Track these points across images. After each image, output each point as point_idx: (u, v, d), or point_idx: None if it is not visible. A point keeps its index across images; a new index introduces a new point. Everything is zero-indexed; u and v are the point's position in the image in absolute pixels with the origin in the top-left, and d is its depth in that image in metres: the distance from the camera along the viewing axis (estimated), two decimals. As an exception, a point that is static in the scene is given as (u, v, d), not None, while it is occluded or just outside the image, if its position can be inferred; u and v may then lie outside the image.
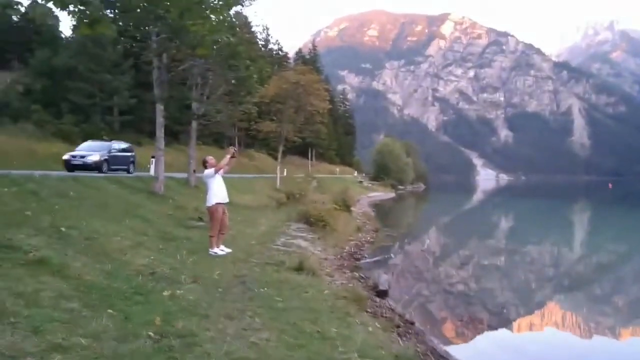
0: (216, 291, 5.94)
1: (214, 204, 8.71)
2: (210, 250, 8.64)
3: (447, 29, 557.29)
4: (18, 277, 4.66)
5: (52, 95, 32.14)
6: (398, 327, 6.11)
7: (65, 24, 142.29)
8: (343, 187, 32.14)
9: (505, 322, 9.64)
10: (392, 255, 13.49)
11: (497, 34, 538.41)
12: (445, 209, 46.40)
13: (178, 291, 5.60)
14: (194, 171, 20.98)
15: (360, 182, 64.19)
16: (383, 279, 8.68)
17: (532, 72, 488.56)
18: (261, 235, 11.70)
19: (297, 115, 33.09)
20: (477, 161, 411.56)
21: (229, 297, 5.73)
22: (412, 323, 6.58)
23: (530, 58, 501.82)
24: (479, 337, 8.28)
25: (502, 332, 8.97)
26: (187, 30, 10.98)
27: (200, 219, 12.96)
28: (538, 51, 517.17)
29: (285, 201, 21.98)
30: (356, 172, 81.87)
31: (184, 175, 21.82)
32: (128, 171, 20.53)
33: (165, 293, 5.45)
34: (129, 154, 21.67)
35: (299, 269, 7.53)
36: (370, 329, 5.36)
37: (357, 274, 9.52)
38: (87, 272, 5.65)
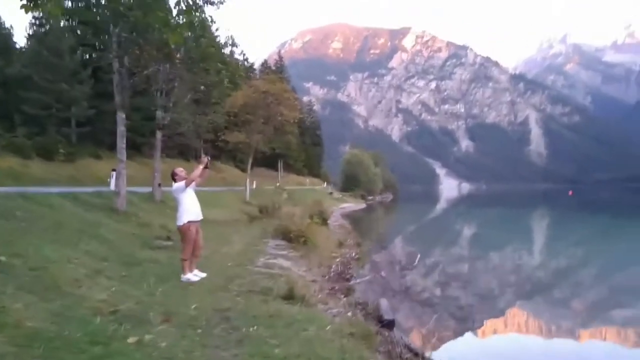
0: (194, 333, 4.85)
1: (185, 222, 7.53)
2: (182, 276, 7.49)
3: (408, 42, 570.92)
4: None
5: (4, 107, 29.98)
6: (421, 371, 5.21)
7: (20, 32, 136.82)
8: (315, 199, 31.18)
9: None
10: (382, 273, 12.65)
11: (456, 47, 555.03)
12: (416, 219, 46.45)
13: (147, 335, 4.48)
14: (160, 185, 19.61)
15: (331, 193, 63.50)
16: (385, 305, 7.75)
17: (490, 84, 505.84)
18: (238, 254, 10.57)
19: (267, 126, 32.04)
20: (440, 171, 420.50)
21: (212, 340, 4.65)
22: (434, 363, 5.70)
23: (488, 70, 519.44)
24: None
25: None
26: (152, 28, 9.95)
27: (169, 238, 11.76)
28: (496, 64, 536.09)
29: (257, 215, 20.82)
30: (325, 183, 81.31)
31: (148, 189, 20.37)
32: None
33: (131, 340, 4.32)
34: None
35: (289, 297, 6.50)
36: (391, 377, 4.43)
37: (352, 299, 8.56)
38: (30, 315, 4.47)
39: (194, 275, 7.55)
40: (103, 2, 12.69)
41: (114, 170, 17.11)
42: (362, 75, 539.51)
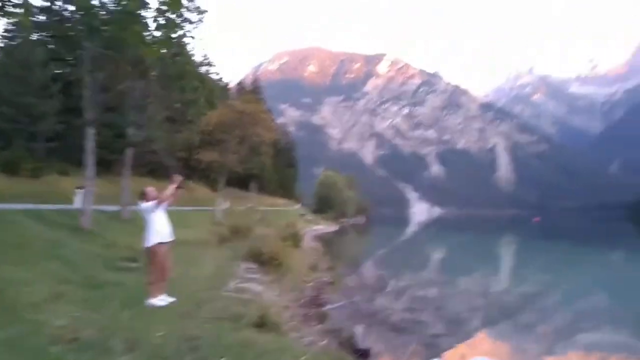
0: (161, 363, 4.59)
1: (154, 243, 7.24)
2: (149, 300, 7.16)
3: (382, 68, 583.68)
4: None
5: (-30, 121, 28.93)
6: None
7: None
8: (288, 220, 30.89)
9: None
10: (356, 298, 12.46)
11: (428, 74, 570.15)
12: (389, 242, 46.65)
13: (109, 367, 4.22)
14: (128, 203, 19.08)
15: (303, 215, 63.24)
16: (359, 333, 7.57)
17: (461, 111, 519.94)
18: (208, 278, 10.24)
19: (242, 146, 31.82)
20: (412, 195, 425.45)
21: (179, 372, 4.41)
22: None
23: (459, 98, 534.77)
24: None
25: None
26: (127, 44, 9.75)
27: (135, 259, 11.34)
28: (466, 92, 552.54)
29: (229, 236, 20.40)
30: (299, 204, 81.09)
31: (115, 207, 19.79)
32: None
33: (92, 371, 4.06)
34: None
35: (262, 324, 6.26)
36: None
37: (326, 326, 8.32)
38: (-20, 343, 4.17)
39: (161, 299, 7.23)
40: (78, 16, 12.48)
41: (77, 188, 16.59)
42: (337, 99, 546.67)
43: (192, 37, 10.08)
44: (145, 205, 7.40)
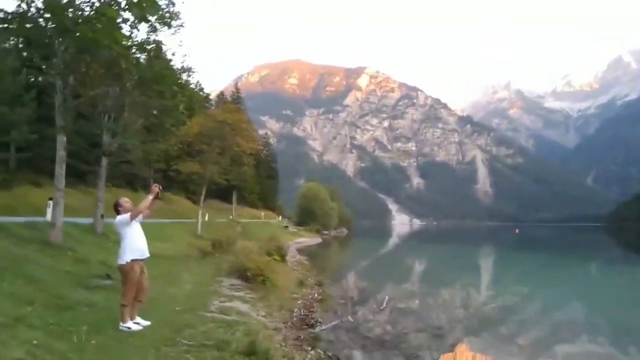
0: (133, 405, 3.86)
1: (128, 261, 6.46)
2: (121, 324, 6.37)
3: (363, 81, 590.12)
4: None
5: (-64, 130, 27.44)
6: None
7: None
8: (271, 233, 30.07)
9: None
10: (349, 317, 11.72)
11: (408, 88, 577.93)
12: (374, 254, 46.42)
13: (69, 412, 3.48)
14: (102, 216, 18.09)
15: (286, 227, 62.37)
16: (358, 358, 6.89)
17: (439, 124, 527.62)
18: (188, 296, 9.43)
19: (223, 156, 31.03)
20: (393, 206, 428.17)
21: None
22: None
23: (438, 112, 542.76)
24: None
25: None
26: (100, 45, 9.06)
27: (108, 276, 10.47)
28: (445, 106, 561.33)
29: (210, 250, 19.54)
30: (280, 216, 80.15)
31: (89, 220, 18.76)
32: None
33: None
34: None
35: (250, 352, 5.54)
36: None
37: (320, 351, 7.59)
38: None
39: (135, 323, 6.46)
40: (48, 18, 11.75)
41: (51, 199, 15.61)
42: (317, 111, 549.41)
43: (179, 29, 9.38)
44: (119, 217, 6.65)
